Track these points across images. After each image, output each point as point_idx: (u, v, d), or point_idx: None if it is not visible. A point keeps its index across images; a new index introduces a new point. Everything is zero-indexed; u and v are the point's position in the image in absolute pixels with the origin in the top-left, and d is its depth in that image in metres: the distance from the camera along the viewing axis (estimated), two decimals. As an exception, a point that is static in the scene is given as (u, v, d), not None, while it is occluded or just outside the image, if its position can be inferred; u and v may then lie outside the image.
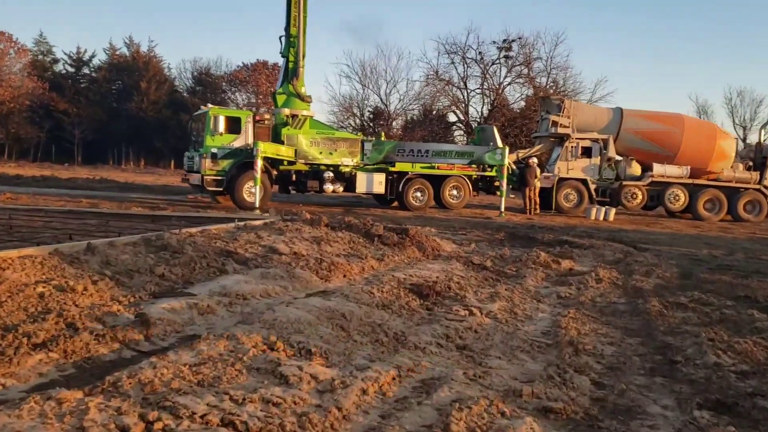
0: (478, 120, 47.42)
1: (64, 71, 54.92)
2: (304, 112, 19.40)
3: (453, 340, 4.69)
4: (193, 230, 6.96)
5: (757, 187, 22.20)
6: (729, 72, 78.23)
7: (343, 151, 19.42)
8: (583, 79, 64.60)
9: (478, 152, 20.77)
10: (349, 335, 4.45)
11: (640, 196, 22.25)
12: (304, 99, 19.44)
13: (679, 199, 22.25)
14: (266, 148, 17.30)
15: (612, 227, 18.28)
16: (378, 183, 19.98)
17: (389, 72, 50.53)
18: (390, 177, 20.29)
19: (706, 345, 5.16)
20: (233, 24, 76.11)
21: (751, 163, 22.94)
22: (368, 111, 54.66)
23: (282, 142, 18.71)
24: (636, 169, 22.91)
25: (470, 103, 47.95)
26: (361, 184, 19.80)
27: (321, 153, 19.13)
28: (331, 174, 19.37)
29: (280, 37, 19.52)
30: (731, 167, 22.57)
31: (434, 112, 52.13)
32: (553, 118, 22.69)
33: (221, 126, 17.89)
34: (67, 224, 8.60)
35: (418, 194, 20.60)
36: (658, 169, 22.09)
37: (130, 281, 5.00)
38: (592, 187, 22.31)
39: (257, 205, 16.56)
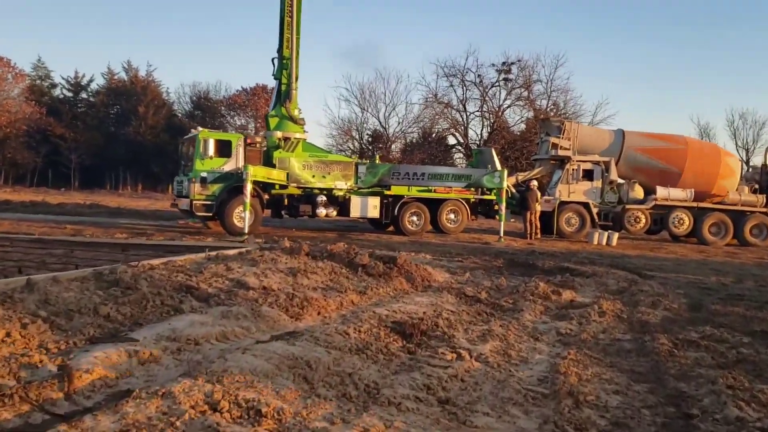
0: (478, 143, 47.03)
1: (61, 96, 54.80)
2: (297, 135, 18.91)
3: (435, 392, 4.07)
4: (155, 262, 6.36)
5: (764, 210, 21.58)
6: (731, 94, 78.26)
7: (337, 174, 18.88)
8: (584, 101, 64.43)
9: (475, 175, 20.22)
10: (312, 388, 3.83)
11: (644, 220, 21.65)
12: (297, 121, 18.96)
13: (683, 222, 21.64)
14: (256, 172, 16.77)
15: (615, 252, 17.66)
16: (373, 207, 19.42)
17: (388, 95, 50.32)
18: (385, 201, 19.74)
19: (725, 394, 4.53)
20: (234, 48, 76.44)
21: (756, 186, 22.36)
22: (367, 134, 54.41)
23: (274, 166, 18.20)
24: (639, 192, 22.33)
25: (470, 126, 47.66)
26: (356, 208, 19.24)
27: (314, 176, 18.60)
28: (324, 198, 18.82)
29: (272, 59, 19.11)
30: (737, 190, 21.99)
31: (434, 135, 51.86)
32: (553, 140, 22.18)
33: (211, 149, 17.40)
34: (29, 254, 8.02)
35: (414, 218, 20.02)
36: (661, 192, 21.52)
37: (67, 324, 4.39)
38: (594, 210, 21.73)
39: (246, 230, 15.96)
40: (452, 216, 20.47)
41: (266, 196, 18.54)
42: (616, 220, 21.80)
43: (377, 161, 19.86)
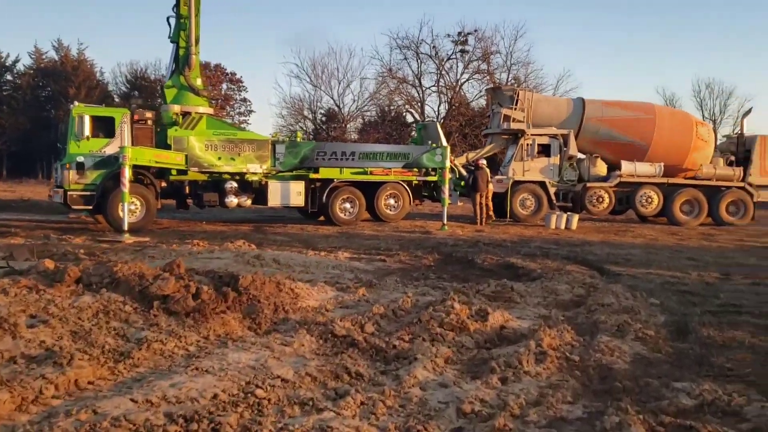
0: (435, 120, 44.25)
1: (-18, 78, 50.30)
2: (200, 109, 15.87)
3: None
4: None
5: (741, 185, 19.20)
6: (696, 63, 76.42)
7: (249, 155, 15.90)
8: (545, 74, 61.75)
9: (414, 153, 17.42)
10: None
11: (607, 200, 19.13)
12: (200, 93, 15.93)
13: (651, 201, 19.17)
14: (138, 154, 13.77)
15: (574, 238, 15.10)
16: (296, 193, 16.52)
17: (341, 71, 47.12)
18: (312, 186, 16.87)
19: None
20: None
21: (732, 158, 19.96)
22: (321, 113, 51.27)
23: (170, 147, 15.17)
24: (601, 168, 19.80)
25: (426, 102, 44.78)
26: (274, 196, 16.32)
27: (220, 158, 15.60)
28: (235, 184, 15.86)
29: (167, 19, 15.99)
30: (711, 163, 19.58)
31: (392, 113, 48.92)
32: (504, 111, 19.48)
33: (88, 128, 14.26)
34: None
35: (347, 205, 17.19)
36: (627, 167, 19.00)
37: None
38: (552, 190, 19.14)
39: (125, 227, 12.95)
40: (392, 201, 17.69)
41: (162, 184, 15.52)
42: (576, 200, 19.25)
43: (298, 139, 16.93)
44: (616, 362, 4.94)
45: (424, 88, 44.32)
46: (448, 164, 16.21)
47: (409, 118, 47.52)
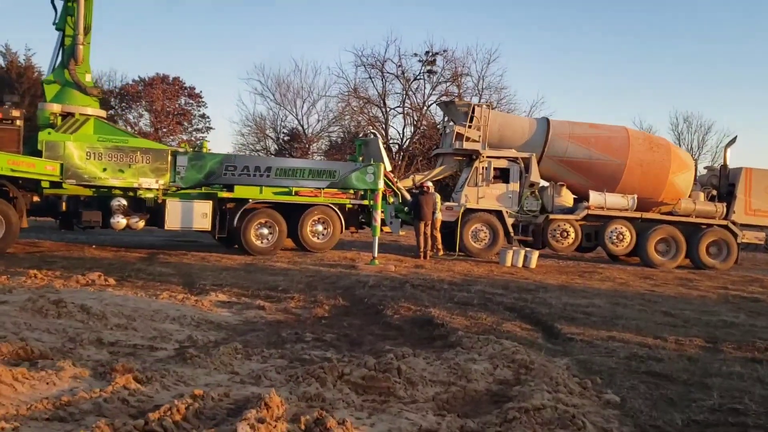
0: (399, 143, 41.94)
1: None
2: (87, 111, 13.18)
3: None
4: None
5: (724, 223, 16.84)
6: (674, 96, 74.98)
7: (142, 167, 13.18)
8: (518, 99, 59.73)
9: (341, 171, 14.79)
10: None
11: (573, 235, 16.64)
12: (87, 91, 13.25)
13: (623, 238, 16.71)
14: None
15: (530, 280, 12.57)
16: (201, 215, 13.80)
17: (306, 89, 44.64)
18: (223, 207, 14.18)
19: None
20: (133, 33, 66.76)
21: (714, 192, 17.62)
22: (284, 133, 48.68)
23: (41, 153, 12.43)
24: (567, 198, 17.38)
25: (391, 123, 42.39)
26: (173, 217, 13.58)
27: (105, 170, 12.86)
28: (123, 201, 13.13)
29: (52, 2, 13.34)
30: (690, 197, 17.22)
31: (360, 135, 46.45)
32: (458, 129, 17.01)
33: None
34: None
35: (265, 231, 14.50)
36: (595, 198, 16.55)
37: None
38: (510, 221, 16.62)
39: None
40: (320, 228, 15.04)
41: (35, 198, 12.75)
42: (537, 234, 16.74)
43: (205, 150, 14.28)
44: None
45: (388, 109, 42.01)
46: (381, 185, 13.60)
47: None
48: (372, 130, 43.40)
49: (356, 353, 5.97)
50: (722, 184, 17.45)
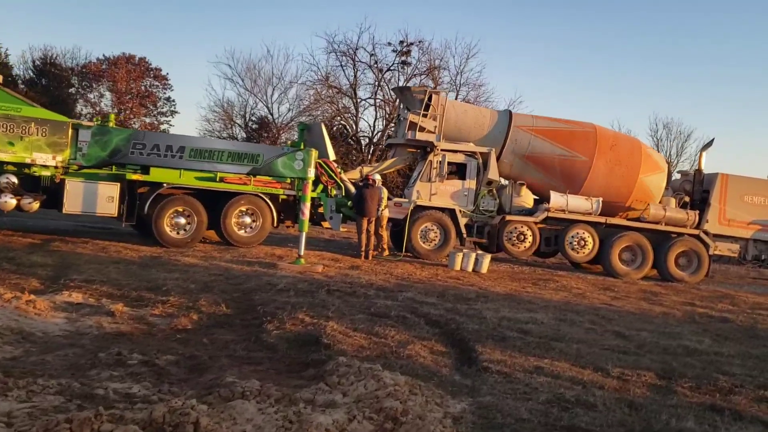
0: (369, 136, 40.33)
1: None
2: (-26, 73, 11.42)
3: None
4: None
5: (695, 232, 15.43)
6: (655, 102, 73.70)
7: (37, 141, 11.45)
8: (495, 98, 58.23)
9: (265, 155, 13.13)
10: None
11: (530, 238, 15.13)
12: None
13: (585, 244, 15.24)
14: None
15: (474, 287, 11.07)
16: (106, 199, 12.11)
17: (276, 76, 42.78)
18: (133, 190, 12.48)
19: None
20: (100, 13, 63.43)
21: (687, 199, 16.19)
22: (252, 120, 46.81)
23: None
24: (527, 199, 15.88)
25: (362, 116, 40.71)
26: (73, 200, 11.88)
27: (-10, 142, 11.13)
28: (14, 179, 11.41)
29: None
30: (660, 202, 15.78)
31: (334, 128, 44.71)
32: (411, 117, 15.43)
33: None
34: None
35: (182, 220, 12.82)
36: (556, 199, 15.05)
37: None
38: (463, 221, 15.09)
39: None
40: (247, 219, 13.41)
41: None
42: (493, 236, 15.21)
43: (111, 124, 12.57)
44: None
45: (359, 100, 40.30)
46: (311, 174, 11.96)
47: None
48: (341, 121, 41.82)
49: (179, 388, 4.39)
50: (696, 191, 16.03)
